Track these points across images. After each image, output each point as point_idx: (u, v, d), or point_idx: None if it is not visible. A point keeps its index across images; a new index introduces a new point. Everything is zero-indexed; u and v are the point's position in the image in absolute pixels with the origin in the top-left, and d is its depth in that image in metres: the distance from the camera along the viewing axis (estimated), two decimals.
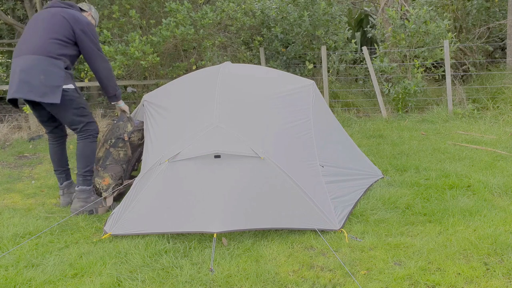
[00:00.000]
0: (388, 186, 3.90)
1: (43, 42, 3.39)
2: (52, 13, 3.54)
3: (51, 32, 3.43)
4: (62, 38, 3.46)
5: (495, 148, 5.03)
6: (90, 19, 3.85)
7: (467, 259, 2.66)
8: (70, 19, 3.50)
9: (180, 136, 3.15)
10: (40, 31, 3.44)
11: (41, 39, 3.41)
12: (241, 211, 2.91)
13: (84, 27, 3.53)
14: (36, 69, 3.32)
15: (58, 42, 3.43)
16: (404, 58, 7.64)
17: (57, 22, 3.48)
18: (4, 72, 9.66)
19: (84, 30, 3.52)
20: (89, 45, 3.56)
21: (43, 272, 2.65)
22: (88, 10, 3.87)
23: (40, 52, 3.36)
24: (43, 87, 3.31)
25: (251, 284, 2.47)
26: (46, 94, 3.32)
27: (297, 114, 3.45)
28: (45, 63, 3.34)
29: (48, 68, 3.34)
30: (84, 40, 3.53)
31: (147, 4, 7.09)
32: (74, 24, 3.50)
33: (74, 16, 3.54)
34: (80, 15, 3.60)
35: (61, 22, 3.48)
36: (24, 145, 6.20)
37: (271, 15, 8.20)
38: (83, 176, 3.61)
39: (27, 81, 3.32)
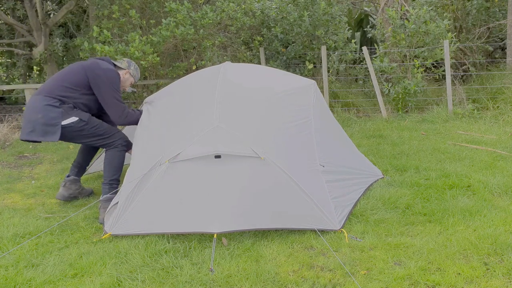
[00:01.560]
0: (388, 186, 3.90)
1: (50, 85, 3.55)
2: (78, 62, 3.70)
3: (61, 77, 3.59)
4: (70, 84, 3.54)
5: (495, 148, 5.03)
6: (127, 77, 3.85)
7: (467, 259, 2.66)
8: (88, 68, 3.57)
9: (181, 136, 3.15)
10: (54, 76, 3.64)
11: (49, 82, 3.59)
12: (241, 211, 2.91)
13: (100, 73, 3.54)
14: (34, 109, 3.45)
15: (63, 86, 3.53)
16: (404, 58, 7.64)
17: (73, 69, 3.61)
18: (4, 72, 9.67)
19: (99, 77, 3.54)
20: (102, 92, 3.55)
21: (43, 272, 2.65)
22: (125, 68, 3.85)
23: (42, 93, 3.51)
24: (43, 126, 3.42)
25: (251, 284, 2.47)
26: (46, 133, 3.42)
27: (298, 114, 3.45)
28: (42, 101, 3.45)
29: (44, 106, 3.43)
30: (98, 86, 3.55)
31: (147, 4, 7.09)
32: (90, 71, 3.55)
33: (95, 64, 3.59)
34: (103, 64, 3.62)
35: (76, 70, 3.60)
36: (24, 145, 6.20)
37: (271, 15, 8.21)
38: (109, 185, 3.63)
39: (30, 121, 3.46)
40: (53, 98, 3.48)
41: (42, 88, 3.57)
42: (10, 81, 9.18)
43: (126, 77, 3.87)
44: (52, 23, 7.83)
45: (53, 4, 8.92)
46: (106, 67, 3.60)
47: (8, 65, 9.74)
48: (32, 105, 3.48)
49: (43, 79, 8.46)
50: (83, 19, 8.84)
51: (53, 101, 3.47)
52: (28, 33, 8.08)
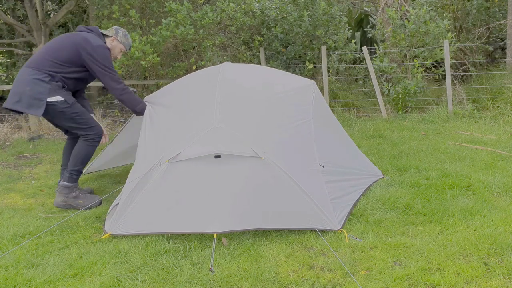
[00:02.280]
0: (388, 186, 3.90)
1: (39, 58, 3.55)
2: (67, 36, 3.68)
3: (52, 52, 3.57)
4: (60, 60, 3.55)
5: (495, 148, 5.03)
6: (115, 44, 3.85)
7: (467, 259, 2.66)
8: (79, 44, 3.57)
9: (181, 136, 3.15)
10: (44, 49, 3.61)
11: (39, 55, 3.58)
12: (241, 211, 2.91)
13: (91, 50, 3.56)
14: (23, 81, 3.48)
15: (53, 61, 3.54)
16: (404, 58, 7.64)
17: (64, 45, 3.60)
18: (4, 72, 9.67)
19: (90, 53, 3.56)
20: (96, 67, 3.59)
21: (43, 272, 2.65)
22: (113, 35, 3.86)
23: (32, 66, 3.52)
24: (29, 98, 3.46)
25: (251, 284, 2.47)
26: (31, 105, 3.46)
27: (297, 114, 3.45)
28: (31, 75, 3.47)
29: (32, 80, 3.46)
30: (90, 62, 3.58)
31: (147, 4, 7.09)
32: (81, 48, 3.56)
33: (85, 39, 3.59)
34: (93, 39, 3.63)
35: (68, 45, 3.59)
36: (24, 145, 6.20)
37: (271, 15, 8.20)
38: (69, 173, 3.72)
39: (17, 92, 3.50)
40: (43, 72, 3.49)
41: (32, 60, 3.56)
42: (10, 81, 9.18)
43: (114, 44, 3.86)
44: (52, 23, 7.83)
45: (53, 4, 8.92)
46: (97, 44, 3.60)
47: (8, 65, 9.74)
48: (21, 77, 3.51)
49: None
50: (83, 19, 8.84)
51: (42, 75, 3.48)
52: (28, 33, 8.08)
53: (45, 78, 3.49)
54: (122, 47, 3.91)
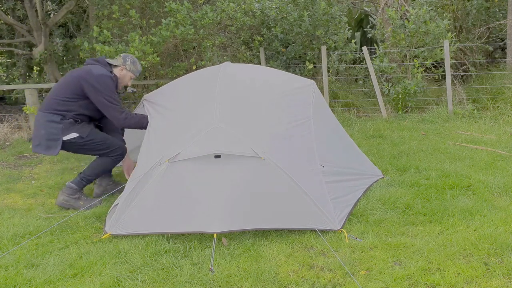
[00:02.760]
0: (388, 186, 3.90)
1: (49, 100, 3.69)
2: (72, 72, 3.76)
3: (58, 91, 3.68)
4: (67, 96, 3.64)
5: (495, 148, 5.03)
6: (124, 73, 3.87)
7: (467, 259, 2.66)
8: (81, 76, 3.63)
9: (180, 136, 3.15)
10: (52, 90, 3.75)
11: (49, 96, 3.71)
12: (241, 211, 2.91)
13: (92, 80, 3.60)
14: (39, 125, 3.64)
15: (61, 100, 3.63)
16: (404, 58, 7.64)
17: (67, 81, 3.69)
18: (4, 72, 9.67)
19: (92, 83, 3.60)
20: (97, 97, 3.63)
21: (43, 272, 2.65)
22: (121, 64, 3.87)
23: (43, 109, 3.67)
24: (46, 141, 3.61)
25: (251, 284, 2.47)
26: (49, 147, 3.61)
27: (297, 114, 3.45)
28: (44, 117, 3.63)
29: (45, 122, 3.61)
30: (92, 93, 3.62)
31: (147, 4, 7.09)
32: (83, 80, 3.61)
33: (87, 70, 3.64)
34: (96, 69, 3.65)
35: (71, 81, 3.67)
36: (24, 145, 6.20)
37: (271, 15, 8.20)
38: (81, 178, 3.79)
39: (36, 136, 3.66)
40: (54, 113, 3.63)
41: (44, 103, 3.71)
42: (10, 81, 9.18)
43: (123, 73, 3.88)
44: (52, 23, 7.83)
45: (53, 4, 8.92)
46: (99, 73, 3.63)
47: (8, 65, 9.74)
48: (37, 122, 3.68)
49: (43, 79, 8.45)
50: (83, 19, 8.84)
51: (54, 116, 3.62)
52: (28, 33, 8.07)
53: (56, 119, 3.61)
54: (132, 75, 3.94)
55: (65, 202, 3.72)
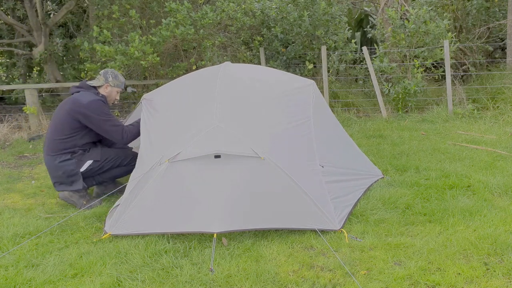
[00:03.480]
0: (388, 186, 3.90)
1: (50, 142, 3.73)
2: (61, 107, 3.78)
3: (55, 131, 3.72)
4: (66, 134, 3.68)
5: (495, 148, 5.03)
6: (109, 90, 3.88)
7: (467, 259, 2.66)
8: (72, 110, 3.66)
9: (180, 136, 3.15)
10: (49, 131, 3.78)
11: (49, 139, 3.75)
12: (241, 211, 2.91)
13: (84, 110, 3.64)
14: (53, 169, 3.72)
15: (62, 139, 3.68)
16: (404, 58, 7.64)
17: (61, 119, 3.70)
18: (4, 72, 9.67)
19: (85, 113, 3.65)
20: (95, 124, 3.68)
21: (43, 272, 2.65)
22: (104, 83, 3.87)
23: (50, 153, 3.71)
24: (67, 178, 3.71)
25: (251, 284, 2.47)
26: (73, 182, 3.72)
27: (297, 114, 3.45)
28: (54, 161, 3.69)
29: (58, 165, 3.69)
30: (89, 122, 3.67)
31: (147, 4, 7.09)
32: (76, 113, 3.65)
33: (75, 102, 3.67)
34: (83, 96, 3.68)
35: (64, 117, 3.69)
36: (24, 145, 6.20)
37: (271, 15, 8.20)
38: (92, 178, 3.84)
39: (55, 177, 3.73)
40: (62, 153, 3.68)
41: (47, 146, 3.76)
42: (10, 81, 9.18)
43: (108, 90, 3.89)
44: (52, 23, 7.83)
45: (53, 4, 8.92)
46: (87, 100, 3.66)
47: (8, 65, 9.74)
48: (49, 165, 3.74)
49: (43, 79, 8.46)
50: (83, 19, 8.84)
51: (63, 156, 3.68)
52: (28, 33, 8.08)
53: (67, 157, 3.68)
54: (118, 89, 3.96)
55: (69, 197, 3.74)
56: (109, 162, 3.81)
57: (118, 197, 3.77)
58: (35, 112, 6.95)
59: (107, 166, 3.81)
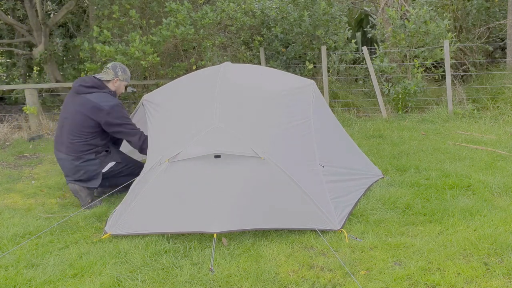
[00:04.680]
0: (388, 186, 3.90)
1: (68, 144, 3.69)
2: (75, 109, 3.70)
3: (72, 134, 3.68)
4: (85, 136, 3.68)
5: (495, 148, 5.03)
6: (118, 84, 3.89)
7: (467, 259, 2.66)
8: (91, 114, 3.64)
9: (180, 136, 3.15)
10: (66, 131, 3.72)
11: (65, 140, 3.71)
12: (241, 211, 2.91)
13: (107, 118, 3.64)
14: (74, 168, 3.70)
15: (81, 142, 3.68)
16: (404, 58, 7.63)
17: (80, 122, 3.67)
18: (4, 72, 9.67)
19: (108, 121, 3.65)
20: (116, 129, 3.70)
21: (43, 272, 2.65)
22: (113, 77, 3.86)
23: (70, 153, 3.69)
24: (87, 176, 3.72)
25: (251, 284, 2.47)
26: (90, 179, 3.74)
27: (297, 114, 3.45)
28: (76, 161, 3.68)
29: (81, 164, 3.69)
30: (110, 128, 3.69)
31: (147, 4, 7.09)
32: (97, 118, 3.65)
33: (94, 107, 3.64)
34: (101, 101, 3.65)
35: (82, 120, 3.66)
36: (24, 145, 6.20)
37: (271, 15, 8.20)
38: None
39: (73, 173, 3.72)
40: (85, 154, 3.69)
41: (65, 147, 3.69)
42: (10, 81, 9.18)
43: (117, 84, 3.90)
44: (52, 23, 7.83)
45: (53, 4, 8.92)
46: (108, 106, 3.64)
47: (8, 65, 9.74)
48: (68, 166, 3.71)
49: (43, 79, 8.45)
50: (83, 19, 8.84)
51: (87, 157, 3.69)
52: (28, 33, 8.08)
53: (91, 157, 3.71)
54: (125, 83, 3.97)
55: (78, 191, 3.74)
56: (128, 168, 3.85)
57: (118, 197, 3.78)
58: (35, 112, 6.94)
59: (127, 171, 3.84)
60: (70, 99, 3.79)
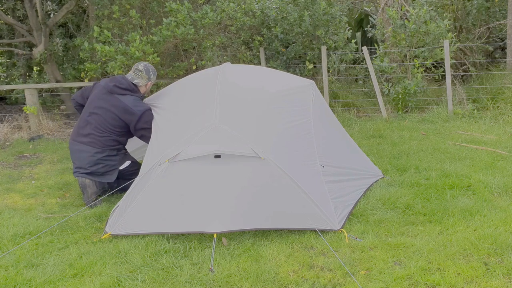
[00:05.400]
0: (388, 186, 3.90)
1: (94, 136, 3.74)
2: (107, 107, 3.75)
3: (100, 128, 3.74)
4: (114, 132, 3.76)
5: (495, 148, 5.03)
6: (149, 85, 3.94)
7: (467, 259, 2.66)
8: (124, 118, 3.70)
9: (180, 136, 3.15)
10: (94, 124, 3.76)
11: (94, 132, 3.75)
12: (241, 211, 2.91)
13: (137, 123, 3.68)
14: (92, 159, 3.72)
15: (109, 137, 3.76)
16: (404, 58, 7.63)
17: (110, 120, 3.74)
18: (4, 72, 9.67)
19: (138, 126, 3.70)
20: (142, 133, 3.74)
21: (43, 272, 2.65)
22: (146, 82, 3.90)
23: (95, 145, 3.73)
24: (103, 170, 3.76)
25: (251, 284, 2.47)
26: (105, 175, 3.78)
27: (297, 114, 3.45)
28: (98, 154, 3.72)
29: (102, 159, 3.74)
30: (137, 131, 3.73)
31: (147, 4, 7.08)
32: (127, 120, 3.72)
33: (127, 111, 3.68)
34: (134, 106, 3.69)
35: (112, 118, 3.73)
36: (24, 145, 6.20)
37: (271, 15, 8.19)
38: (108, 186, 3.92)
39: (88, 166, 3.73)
40: (109, 149, 3.75)
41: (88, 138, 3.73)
42: (10, 81, 9.17)
43: (148, 85, 3.96)
44: (52, 23, 7.83)
45: (53, 4, 8.92)
46: (140, 111, 3.67)
47: (8, 65, 9.73)
48: (87, 156, 3.71)
49: (43, 79, 8.44)
50: (83, 19, 8.83)
51: (110, 152, 3.76)
52: (28, 33, 8.07)
53: (113, 152, 3.79)
54: (152, 83, 4.02)
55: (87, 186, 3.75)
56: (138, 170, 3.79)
57: (118, 197, 3.78)
58: (35, 112, 6.94)
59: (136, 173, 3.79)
60: (101, 96, 3.80)
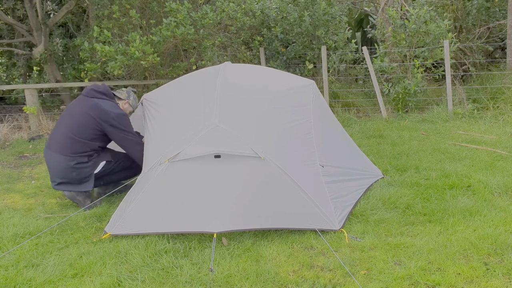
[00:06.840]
0: (388, 186, 3.90)
1: (66, 142, 3.63)
2: (81, 109, 3.69)
3: (73, 132, 3.64)
4: (87, 137, 3.64)
5: (495, 148, 5.03)
6: (126, 107, 3.93)
7: (467, 259, 2.66)
8: (97, 117, 3.63)
9: (180, 136, 3.15)
10: (64, 128, 3.69)
11: (64, 137, 3.65)
12: (241, 211, 2.91)
13: (112, 121, 3.64)
14: (64, 168, 3.61)
15: (81, 142, 3.63)
16: (404, 58, 7.63)
17: (83, 121, 3.65)
18: (4, 72, 9.67)
19: (113, 125, 3.64)
20: (120, 136, 3.69)
21: (43, 272, 2.65)
22: (125, 98, 3.93)
23: (64, 152, 3.62)
24: (79, 180, 3.66)
25: (251, 284, 2.47)
26: (81, 183, 3.68)
27: (297, 114, 3.45)
28: (69, 161, 3.61)
29: (74, 167, 3.62)
30: (114, 133, 3.67)
31: (147, 4, 7.09)
32: (102, 121, 3.64)
33: (102, 111, 3.64)
34: (109, 107, 3.67)
35: (85, 120, 3.64)
36: (24, 145, 6.20)
37: (271, 15, 8.19)
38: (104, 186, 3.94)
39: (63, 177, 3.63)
40: (80, 156, 3.63)
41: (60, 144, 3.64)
42: (10, 81, 9.17)
43: (125, 107, 3.94)
44: (52, 23, 7.83)
45: (53, 4, 8.92)
46: (116, 113, 3.66)
47: (8, 65, 9.73)
48: (61, 165, 3.61)
49: (43, 79, 8.45)
50: (83, 19, 8.83)
51: (81, 159, 3.63)
52: (28, 33, 8.07)
53: (84, 159, 3.65)
54: (132, 110, 4.01)
55: (76, 196, 3.73)
56: (119, 164, 3.86)
57: (118, 197, 3.78)
58: (35, 112, 6.95)
59: (118, 168, 3.86)
60: (77, 102, 3.81)
